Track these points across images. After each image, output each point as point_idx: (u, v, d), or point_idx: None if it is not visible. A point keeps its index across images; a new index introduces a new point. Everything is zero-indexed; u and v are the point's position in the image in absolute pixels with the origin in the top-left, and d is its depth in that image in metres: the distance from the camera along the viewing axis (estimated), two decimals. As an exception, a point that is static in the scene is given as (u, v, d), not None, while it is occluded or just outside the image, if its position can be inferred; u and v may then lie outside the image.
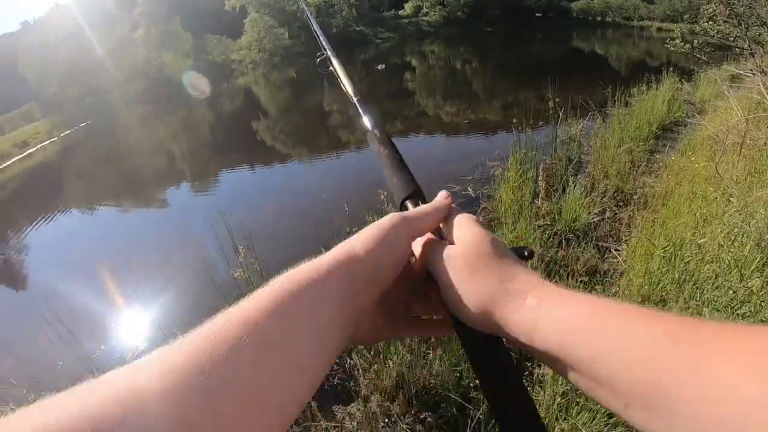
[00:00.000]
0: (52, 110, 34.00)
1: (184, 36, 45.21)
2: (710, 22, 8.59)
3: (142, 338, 5.17)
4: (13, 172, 20.79)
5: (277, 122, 18.85)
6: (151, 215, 10.33)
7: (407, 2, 65.13)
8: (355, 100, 1.05)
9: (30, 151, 24.32)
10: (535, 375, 3.17)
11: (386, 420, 3.05)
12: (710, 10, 8.57)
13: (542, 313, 0.49)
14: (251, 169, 12.42)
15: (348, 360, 3.60)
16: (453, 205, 0.70)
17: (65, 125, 27.97)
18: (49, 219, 11.31)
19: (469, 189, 6.64)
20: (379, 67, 31.44)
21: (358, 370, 3.43)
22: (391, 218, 0.62)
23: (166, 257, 6.47)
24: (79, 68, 37.78)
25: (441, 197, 0.72)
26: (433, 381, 3.22)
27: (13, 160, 22.88)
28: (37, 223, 11.06)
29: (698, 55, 8.82)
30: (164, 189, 12.14)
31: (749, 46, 7.85)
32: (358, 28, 57.88)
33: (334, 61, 1.23)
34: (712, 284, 3.13)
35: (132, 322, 5.61)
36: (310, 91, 26.35)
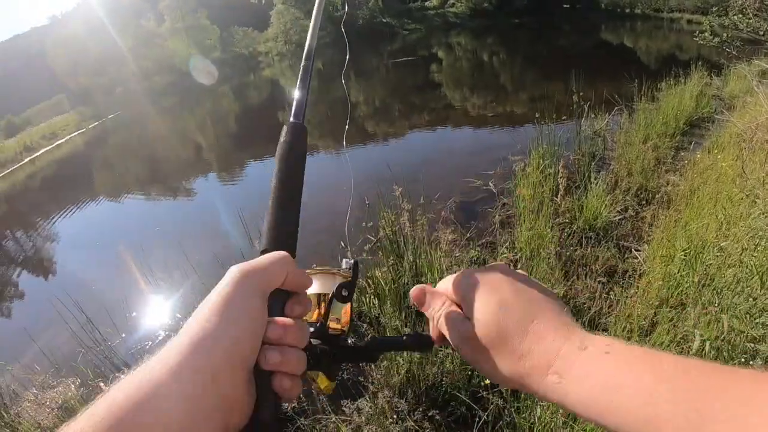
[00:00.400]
0: (80, 102, 34.49)
1: (210, 28, 45.48)
2: (740, 15, 8.41)
3: (161, 328, 5.23)
4: (42, 163, 21.13)
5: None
6: (175, 206, 10.45)
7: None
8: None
9: (59, 142, 24.75)
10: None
11: (395, 416, 3.05)
12: (740, 2, 8.39)
13: (566, 389, 0.50)
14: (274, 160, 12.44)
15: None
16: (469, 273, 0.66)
17: (94, 117, 28.40)
18: (76, 209, 11.53)
19: (491, 184, 6.58)
20: (407, 59, 31.32)
21: (368, 366, 3.43)
22: (231, 276, 0.57)
23: (187, 248, 6.50)
24: (106, 60, 38.29)
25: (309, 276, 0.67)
26: (443, 379, 3.20)
27: (41, 151, 23.33)
28: (64, 213, 11.29)
29: (727, 49, 8.65)
30: (189, 180, 12.27)
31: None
32: (384, 20, 57.74)
33: None
34: (733, 290, 3.05)
35: (152, 311, 5.69)
36: (337, 82, 26.30)
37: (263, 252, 0.66)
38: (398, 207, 4.37)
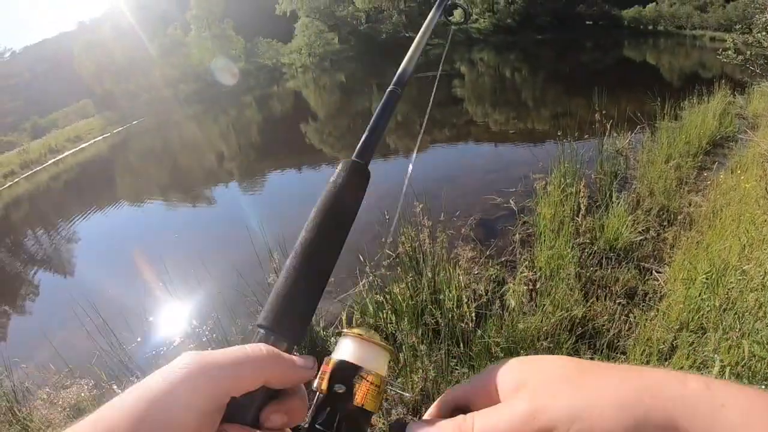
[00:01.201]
0: (105, 107, 35.10)
1: (235, 39, 46.15)
2: (764, 33, 8.35)
3: (177, 334, 5.28)
4: (66, 166, 21.48)
5: (325, 125, 19.10)
6: (195, 213, 10.57)
7: (456, 9, 64.93)
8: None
9: (83, 145, 25.25)
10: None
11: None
12: (764, 20, 8.34)
13: None
14: (297, 170, 12.58)
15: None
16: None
17: (118, 122, 28.97)
18: (97, 212, 11.74)
19: (511, 202, 6.57)
20: (431, 74, 31.42)
21: (384, 381, 3.42)
22: (180, 367, 0.44)
23: (205, 256, 6.58)
24: (132, 67, 38.97)
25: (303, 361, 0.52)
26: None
27: (66, 153, 23.80)
28: (85, 215, 11.50)
29: (751, 67, 8.58)
30: (210, 187, 12.43)
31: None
32: (407, 35, 58.05)
33: None
34: (755, 315, 3.01)
35: (167, 316, 5.76)
36: (360, 95, 26.50)
37: (259, 327, 0.53)
38: (419, 223, 4.37)
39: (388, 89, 0.78)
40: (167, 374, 0.43)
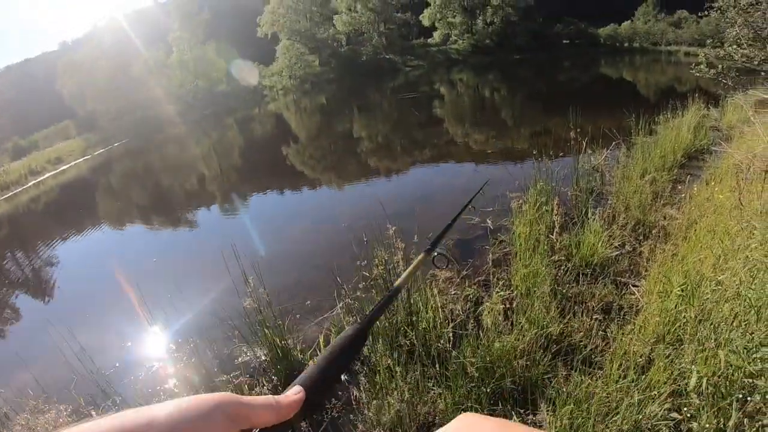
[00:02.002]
0: (87, 128, 35.09)
1: (216, 61, 46.21)
2: (734, 47, 8.48)
3: (155, 358, 5.21)
4: (46, 187, 21.38)
5: (306, 148, 19.10)
6: (174, 237, 10.51)
7: (436, 30, 65.83)
8: None
9: (64, 167, 25.10)
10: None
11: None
12: (734, 33, 8.47)
13: None
14: (277, 193, 12.58)
15: (348, 393, 3.55)
16: None
17: (99, 144, 28.97)
18: (76, 235, 11.67)
19: (488, 221, 6.57)
20: (409, 95, 31.69)
21: (358, 403, 3.39)
22: (216, 398, 0.47)
23: (182, 280, 6.55)
24: (114, 88, 38.87)
25: (292, 392, 0.62)
26: (434, 420, 3.15)
27: (46, 175, 23.65)
28: (64, 238, 11.43)
29: (724, 80, 8.69)
30: (190, 211, 12.40)
31: (775, 69, 7.72)
32: (387, 56, 58.70)
33: None
34: (730, 324, 3.00)
35: (146, 341, 5.67)
36: (340, 117, 26.64)
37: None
38: (392, 246, 4.35)
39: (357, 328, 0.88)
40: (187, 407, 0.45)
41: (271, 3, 56.12)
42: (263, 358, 4.40)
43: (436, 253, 1.35)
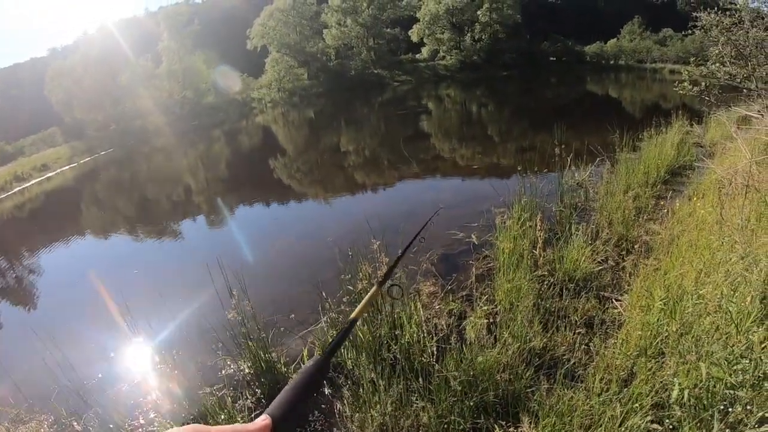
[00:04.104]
0: (74, 136, 34.91)
1: (205, 73, 46.05)
2: (718, 65, 8.58)
3: (138, 370, 5.15)
4: (31, 194, 21.22)
5: (293, 162, 19.10)
6: (159, 248, 10.42)
7: (424, 46, 66.24)
8: None
9: (49, 174, 24.94)
10: None
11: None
12: (717, 51, 8.58)
13: None
14: (263, 206, 12.56)
15: (331, 405, 3.54)
16: None
17: (86, 152, 28.77)
18: (60, 244, 11.58)
19: (473, 236, 6.58)
20: (403, 111, 31.83)
21: (342, 416, 3.37)
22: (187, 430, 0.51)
23: (167, 291, 6.51)
24: (103, 97, 38.65)
25: (260, 420, 0.67)
26: (418, 432, 3.15)
27: (32, 182, 23.52)
28: (48, 247, 11.34)
29: (707, 98, 8.80)
30: (175, 222, 12.37)
31: (757, 86, 7.81)
32: (375, 71, 58.88)
33: None
34: (711, 337, 3.02)
35: (129, 353, 5.60)
36: (327, 131, 26.68)
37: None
38: (376, 260, 4.35)
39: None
40: None
41: (261, 15, 56.08)
42: (247, 371, 4.37)
43: (389, 284, 1.39)
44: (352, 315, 1.13)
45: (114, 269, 9.02)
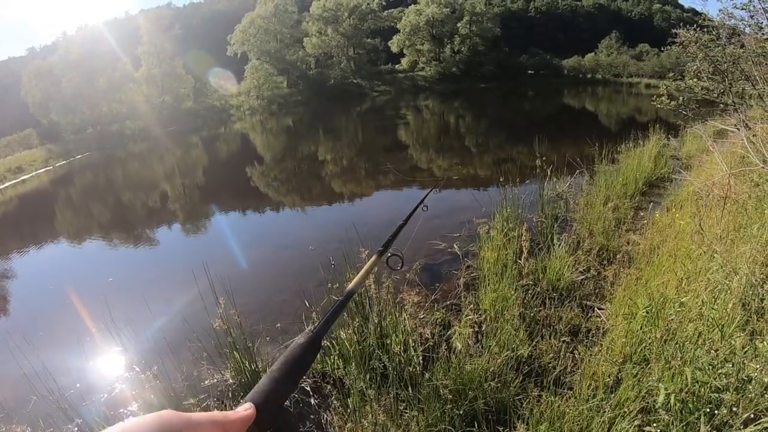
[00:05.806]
0: (49, 139, 34.40)
1: (185, 78, 45.67)
2: (695, 80, 8.73)
3: (118, 379, 5.06)
4: (5, 197, 20.84)
5: (271, 169, 19.00)
6: (137, 254, 10.21)
7: (404, 57, 66.58)
8: None
9: (24, 177, 24.47)
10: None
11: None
12: (695, 67, 8.72)
13: None
14: (242, 214, 12.47)
15: (321, 416, 3.53)
16: None
17: (62, 155, 28.34)
18: (35, 248, 11.34)
19: (455, 247, 6.61)
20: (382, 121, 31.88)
21: (332, 427, 3.37)
22: (159, 418, 0.49)
23: (148, 298, 6.40)
24: (79, 100, 38.15)
25: (242, 409, 0.63)
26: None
27: (6, 184, 23.04)
28: (23, 251, 11.08)
29: (684, 112, 8.94)
30: (152, 228, 12.19)
31: (733, 101, 7.96)
32: (355, 81, 59.01)
33: None
34: (695, 343, 3.08)
35: (109, 362, 5.50)
36: (306, 139, 26.64)
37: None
38: (361, 268, 4.34)
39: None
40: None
41: (242, 22, 55.96)
42: (231, 381, 4.34)
43: (389, 254, 1.39)
44: (350, 286, 1.07)
45: (94, 275, 8.85)
